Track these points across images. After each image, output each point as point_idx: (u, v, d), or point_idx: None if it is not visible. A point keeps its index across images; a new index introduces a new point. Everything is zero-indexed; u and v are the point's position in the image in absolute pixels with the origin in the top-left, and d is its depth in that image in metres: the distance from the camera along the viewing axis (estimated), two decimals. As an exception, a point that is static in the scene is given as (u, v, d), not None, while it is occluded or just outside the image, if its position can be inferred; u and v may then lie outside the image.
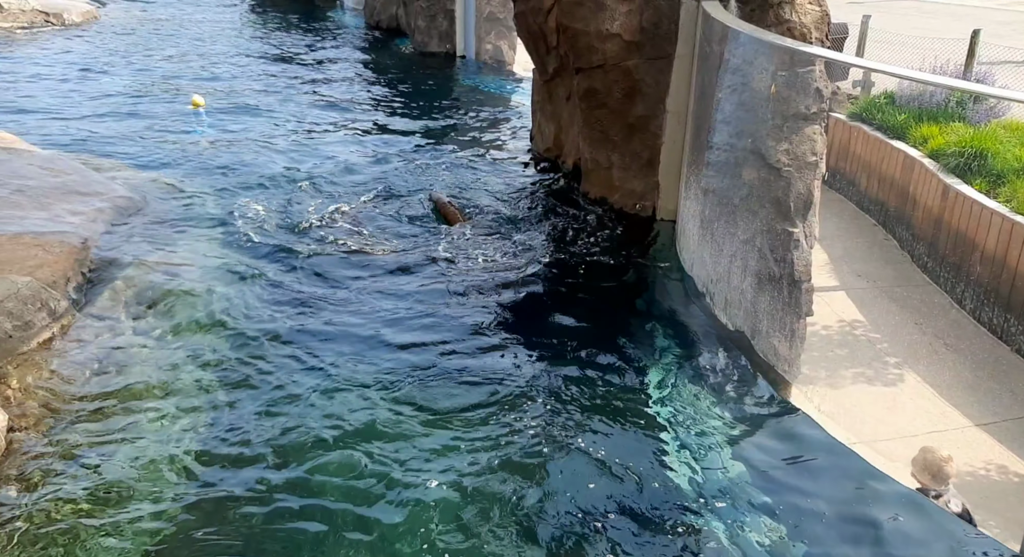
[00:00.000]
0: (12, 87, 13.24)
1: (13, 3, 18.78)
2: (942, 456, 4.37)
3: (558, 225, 8.33)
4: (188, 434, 4.84)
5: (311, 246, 7.54)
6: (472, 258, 7.49)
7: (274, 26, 21.25)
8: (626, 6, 7.71)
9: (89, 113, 11.95)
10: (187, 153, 10.19)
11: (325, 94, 14.01)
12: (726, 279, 6.23)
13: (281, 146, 10.74)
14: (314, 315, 6.33)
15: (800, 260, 5.54)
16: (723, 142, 6.25)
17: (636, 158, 8.26)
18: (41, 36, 17.81)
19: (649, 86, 7.86)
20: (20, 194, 7.33)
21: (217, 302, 6.40)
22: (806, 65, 5.34)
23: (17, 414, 4.83)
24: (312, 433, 4.90)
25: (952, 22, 17.62)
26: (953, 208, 7.21)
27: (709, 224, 6.51)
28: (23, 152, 8.56)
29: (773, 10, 6.33)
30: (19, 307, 5.51)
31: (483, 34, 16.82)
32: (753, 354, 5.88)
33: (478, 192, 9.27)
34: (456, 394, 5.39)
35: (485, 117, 12.92)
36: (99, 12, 20.90)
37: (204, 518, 4.25)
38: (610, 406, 5.34)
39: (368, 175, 9.67)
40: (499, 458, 4.76)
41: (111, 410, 5.00)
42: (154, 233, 7.56)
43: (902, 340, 6.57)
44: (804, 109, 5.44)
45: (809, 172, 5.52)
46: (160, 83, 14.06)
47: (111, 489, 4.38)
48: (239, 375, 5.50)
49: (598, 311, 6.67)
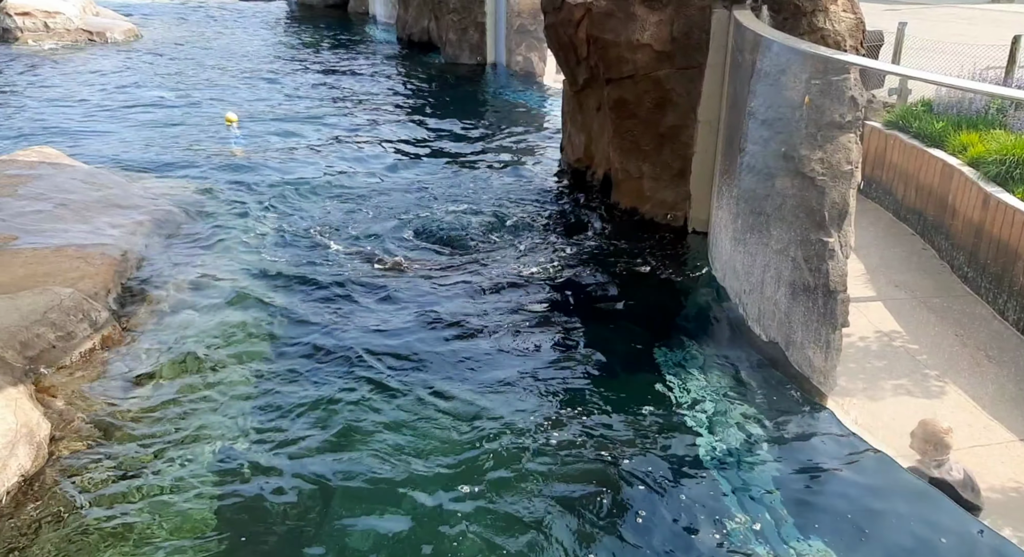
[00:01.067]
0: (57, 104, 13.64)
1: (59, 23, 19.39)
2: (942, 428, 4.46)
3: (589, 235, 8.31)
4: (229, 444, 4.90)
5: (346, 259, 7.62)
6: (504, 269, 7.50)
7: (309, 40, 21.62)
8: (656, 16, 7.70)
9: (129, 128, 12.27)
10: (222, 166, 10.39)
11: (358, 106, 14.19)
12: (759, 289, 6.15)
13: (314, 158, 10.90)
14: (352, 328, 6.38)
15: (835, 270, 5.46)
16: (756, 151, 6.19)
17: (667, 168, 8.23)
18: (85, 54, 18.34)
19: (680, 96, 7.82)
20: (63, 208, 7.53)
21: (254, 312, 6.50)
22: (840, 73, 5.28)
23: (59, 423, 4.95)
24: (364, 449, 4.91)
25: (992, 28, 17.29)
26: (994, 217, 7.04)
27: (742, 234, 6.44)
28: (67, 167, 8.81)
29: (806, 18, 6.28)
30: (62, 318, 5.65)
31: (513, 46, 16.93)
32: (787, 365, 5.79)
33: (508, 202, 9.30)
34: (487, 405, 5.40)
35: (515, 127, 12.98)
36: (140, 30, 21.46)
37: (248, 529, 4.29)
38: (642, 419, 5.30)
39: (399, 185, 9.76)
40: (527, 472, 4.74)
41: (151, 420, 5.09)
42: (191, 244, 7.71)
43: (942, 352, 6.42)
44: (838, 117, 5.37)
45: (844, 181, 5.44)
46: (197, 98, 14.37)
47: (151, 498, 4.45)
48: (279, 386, 5.56)
49: (629, 322, 6.63)
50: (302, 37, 22.33)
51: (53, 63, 17.09)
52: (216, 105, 13.78)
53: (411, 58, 19.14)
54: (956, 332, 6.71)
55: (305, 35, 22.61)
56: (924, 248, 8.26)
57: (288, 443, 4.95)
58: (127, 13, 23.27)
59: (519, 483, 4.64)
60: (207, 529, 4.26)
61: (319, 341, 6.14)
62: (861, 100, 5.40)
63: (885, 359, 6.32)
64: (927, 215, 8.34)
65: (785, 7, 6.39)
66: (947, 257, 7.85)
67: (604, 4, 8.09)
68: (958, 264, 7.62)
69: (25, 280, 5.93)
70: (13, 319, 5.40)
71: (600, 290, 7.15)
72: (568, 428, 5.15)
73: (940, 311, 7.03)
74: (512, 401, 5.44)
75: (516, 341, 6.26)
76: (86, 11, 20.66)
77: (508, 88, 16.01)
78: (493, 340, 6.25)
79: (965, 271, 7.49)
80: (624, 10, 7.89)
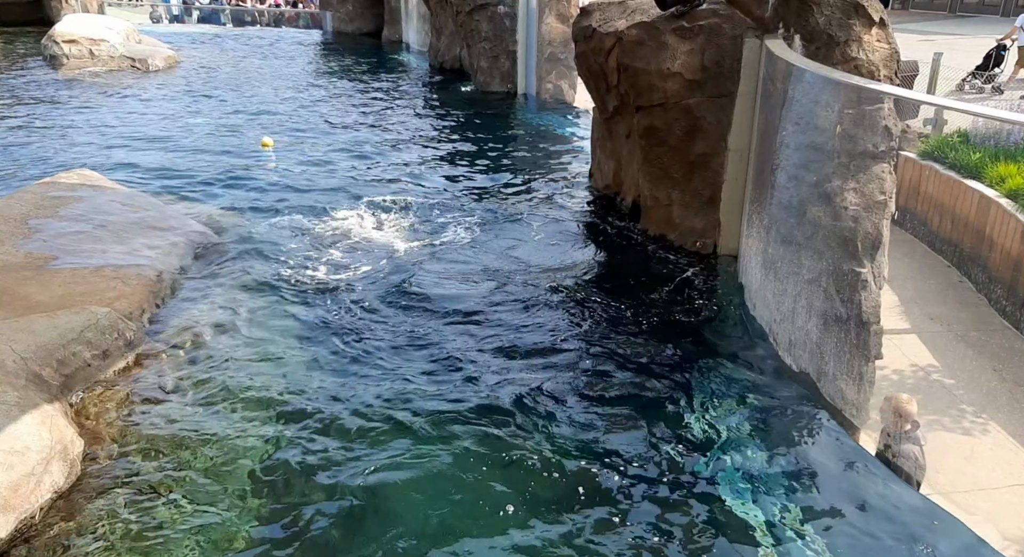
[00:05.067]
0: (98, 127, 14.03)
1: (103, 50, 20.01)
2: (905, 397, 4.93)
3: (617, 261, 8.28)
4: (262, 465, 4.92)
5: (378, 285, 7.68)
6: (531, 293, 7.50)
7: (342, 66, 22.03)
8: (687, 45, 7.74)
9: (167, 151, 12.56)
10: (257, 189, 10.58)
11: (390, 131, 14.40)
12: (790, 319, 6.07)
13: (347, 182, 11.06)
14: (385, 352, 6.40)
15: (868, 301, 5.37)
16: (787, 180, 6.16)
17: (697, 195, 8.20)
18: (127, 80, 18.87)
19: (710, 124, 7.83)
20: (102, 229, 7.71)
21: (285, 335, 6.56)
22: (874, 102, 5.24)
23: (92, 441, 5.02)
24: (400, 472, 4.90)
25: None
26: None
27: (772, 263, 6.38)
28: (107, 189, 9.03)
29: (839, 48, 6.25)
30: (98, 337, 5.76)
31: (544, 74, 17.10)
32: (819, 397, 5.69)
33: (536, 226, 9.33)
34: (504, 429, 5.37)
35: (545, 153, 13.05)
36: (180, 57, 22.06)
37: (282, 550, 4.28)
38: (670, 448, 5.23)
39: (429, 210, 9.84)
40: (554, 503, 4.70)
41: (183, 439, 5.13)
42: (224, 266, 7.83)
43: (980, 387, 6.27)
44: (872, 147, 5.33)
45: (877, 211, 5.38)
46: (233, 123, 14.68)
47: (183, 517, 4.48)
48: (313, 406, 5.58)
49: (656, 349, 6.58)
50: (337, 63, 22.76)
51: (96, 88, 17.60)
52: (253, 129, 14.08)
53: (443, 85, 19.41)
54: (994, 367, 6.55)
55: (340, 61, 23.05)
56: (960, 280, 8.10)
57: (324, 464, 4.95)
58: (168, 41, 23.94)
59: (534, 510, 4.60)
60: (240, 549, 4.27)
61: (353, 362, 6.17)
62: (895, 130, 5.36)
63: (920, 393, 6.18)
64: (963, 247, 8.20)
65: (818, 37, 6.37)
66: (984, 290, 7.69)
67: (635, 33, 8.15)
68: (996, 297, 7.46)
69: (63, 299, 6.06)
70: (51, 337, 5.52)
71: (627, 316, 7.11)
72: (586, 456, 5.10)
73: (978, 345, 6.87)
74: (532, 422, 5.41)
75: (538, 367, 6.24)
76: (129, 39, 21.31)
77: (538, 115, 16.14)
78: (513, 368, 6.22)
79: (1003, 305, 7.33)
80: (655, 39, 7.94)
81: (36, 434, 4.61)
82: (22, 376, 5.07)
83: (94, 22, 21.33)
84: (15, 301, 5.95)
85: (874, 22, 6.31)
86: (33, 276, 6.43)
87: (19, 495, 4.30)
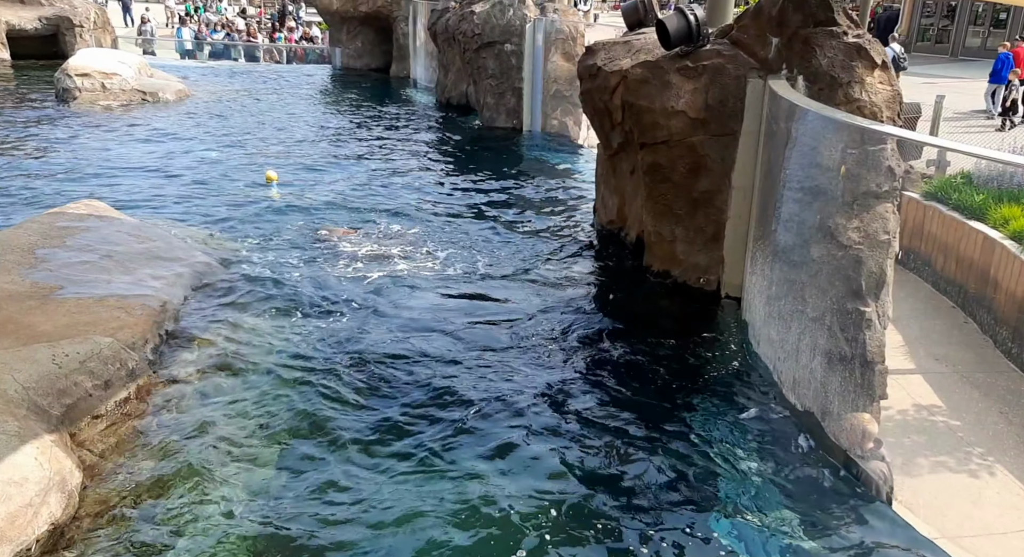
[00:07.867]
0: (108, 159, 14.18)
1: (116, 84, 20.29)
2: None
3: (619, 297, 8.28)
4: (262, 502, 4.87)
5: (381, 319, 7.68)
6: (534, 328, 7.49)
7: (350, 101, 22.31)
8: (692, 84, 7.84)
9: (175, 183, 12.67)
10: (262, 221, 10.65)
11: (396, 164, 14.53)
12: (794, 357, 6.05)
13: (352, 214, 11.13)
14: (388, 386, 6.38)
15: (873, 340, 5.36)
16: (791, 218, 6.18)
17: (700, 232, 8.23)
18: (138, 113, 19.12)
19: (714, 162, 7.89)
20: (108, 259, 7.74)
21: (288, 367, 6.54)
22: (877, 143, 5.29)
23: (91, 472, 4.98)
24: (406, 505, 4.87)
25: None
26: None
27: (776, 301, 6.38)
28: (114, 219, 9.09)
29: (842, 89, 6.33)
30: (100, 367, 5.75)
31: (549, 110, 17.30)
32: (823, 436, 5.63)
33: (539, 261, 9.36)
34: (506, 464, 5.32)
35: (548, 188, 13.14)
36: (192, 90, 22.37)
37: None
38: (670, 487, 5.17)
39: (433, 241, 9.88)
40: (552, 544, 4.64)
41: (184, 473, 5.08)
42: (228, 297, 7.84)
43: (986, 429, 6.21)
44: (875, 187, 5.36)
45: (881, 251, 5.39)
46: (240, 156, 14.84)
47: (181, 553, 4.42)
48: (315, 445, 5.53)
49: (659, 386, 6.55)
50: (345, 98, 23.06)
51: (108, 121, 17.83)
52: (259, 162, 14.22)
53: (449, 120, 19.63)
54: (1001, 409, 6.50)
55: (348, 96, 23.35)
56: (966, 321, 8.08)
57: (330, 503, 4.89)
58: (181, 75, 24.30)
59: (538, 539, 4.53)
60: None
61: (357, 393, 6.15)
62: (898, 170, 5.40)
63: (925, 434, 6.13)
64: (968, 288, 8.19)
65: (821, 77, 6.46)
66: (990, 331, 7.67)
67: (640, 72, 8.26)
68: (1002, 339, 7.43)
69: (67, 329, 6.06)
70: (52, 367, 5.51)
71: (630, 352, 7.09)
72: (588, 493, 5.04)
73: (983, 387, 6.83)
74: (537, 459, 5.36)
75: (543, 400, 6.20)
76: (141, 72, 21.60)
77: (543, 150, 16.29)
78: (521, 400, 6.19)
79: (1009, 347, 7.30)
80: (659, 78, 8.05)
81: (35, 465, 4.58)
82: (23, 406, 5.05)
83: (107, 56, 21.63)
84: (19, 330, 5.95)
85: (876, 64, 6.40)
86: (38, 305, 6.45)
87: (16, 527, 4.25)
